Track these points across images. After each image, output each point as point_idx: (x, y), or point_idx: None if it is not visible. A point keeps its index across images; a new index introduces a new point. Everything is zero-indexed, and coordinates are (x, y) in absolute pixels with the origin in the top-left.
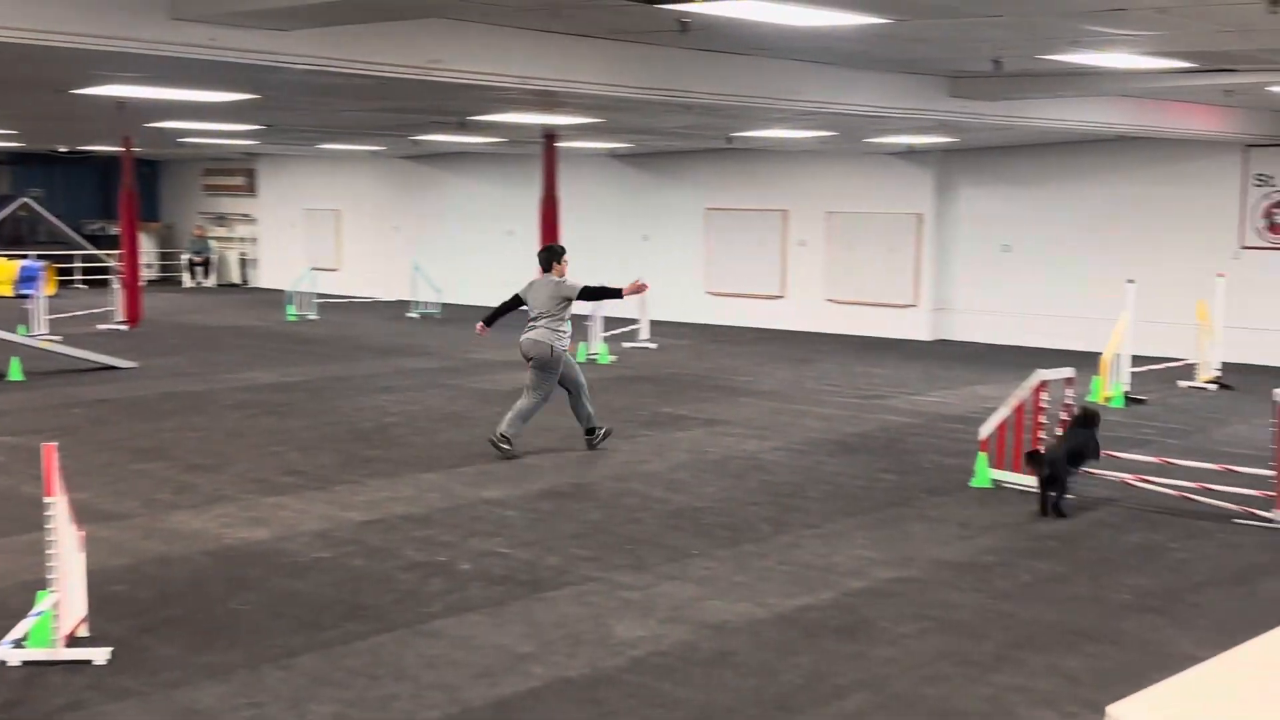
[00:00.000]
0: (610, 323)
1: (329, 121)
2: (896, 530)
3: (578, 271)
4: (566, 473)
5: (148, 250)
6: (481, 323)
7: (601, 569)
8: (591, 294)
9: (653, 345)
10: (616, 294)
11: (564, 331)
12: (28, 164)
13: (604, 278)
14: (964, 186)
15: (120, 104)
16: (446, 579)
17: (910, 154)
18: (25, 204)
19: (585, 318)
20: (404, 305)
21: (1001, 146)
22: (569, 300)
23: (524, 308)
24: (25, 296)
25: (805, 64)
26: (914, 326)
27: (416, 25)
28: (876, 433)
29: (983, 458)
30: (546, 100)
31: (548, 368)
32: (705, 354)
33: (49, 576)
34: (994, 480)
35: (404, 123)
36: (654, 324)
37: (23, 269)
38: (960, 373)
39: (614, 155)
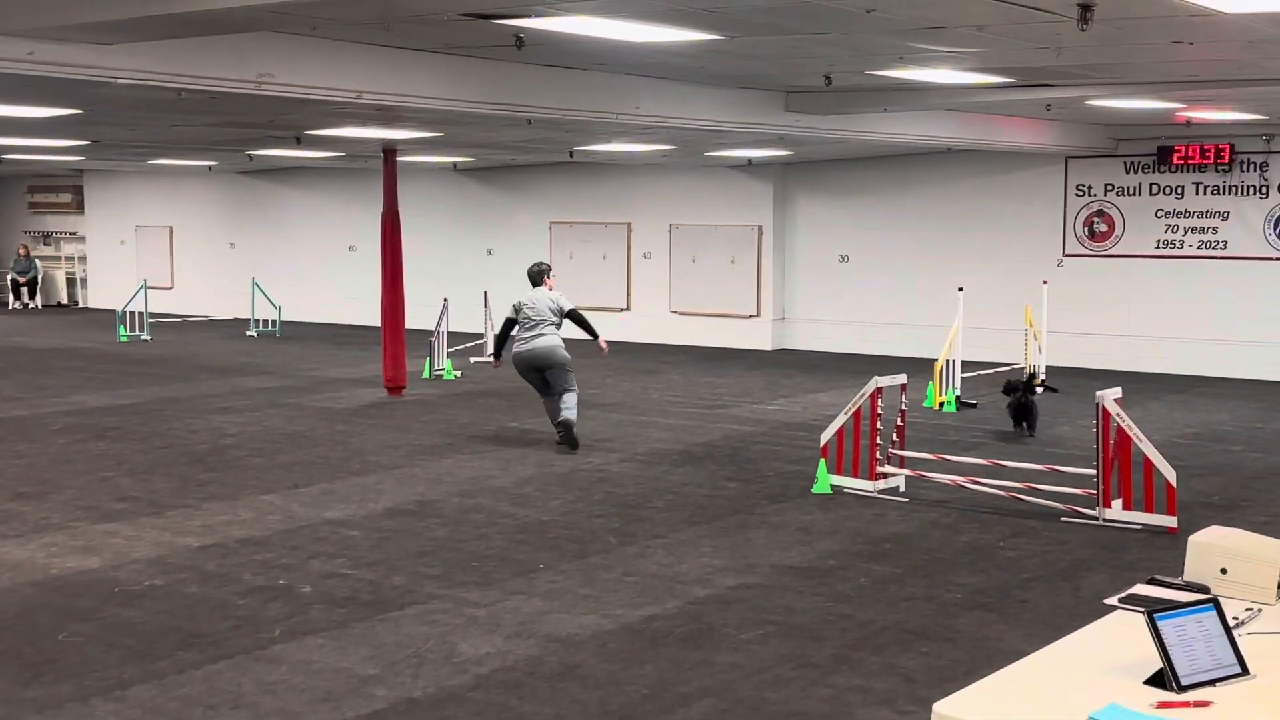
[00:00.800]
0: (454, 338)
1: (159, 136)
2: (740, 537)
3: (413, 288)
4: (411, 490)
5: None
6: (494, 356)
7: (447, 586)
8: (578, 319)
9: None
10: (594, 335)
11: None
12: None
13: (448, 293)
14: (802, 199)
15: None
16: (287, 603)
17: (750, 167)
18: None
19: (429, 333)
20: (242, 324)
21: (837, 159)
22: (564, 313)
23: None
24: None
25: (643, 79)
26: (757, 337)
27: (246, 38)
28: (720, 442)
29: (823, 464)
30: (384, 115)
31: (567, 366)
32: None
33: None
34: (834, 486)
35: (237, 138)
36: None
37: None
38: (801, 381)
39: (456, 169)
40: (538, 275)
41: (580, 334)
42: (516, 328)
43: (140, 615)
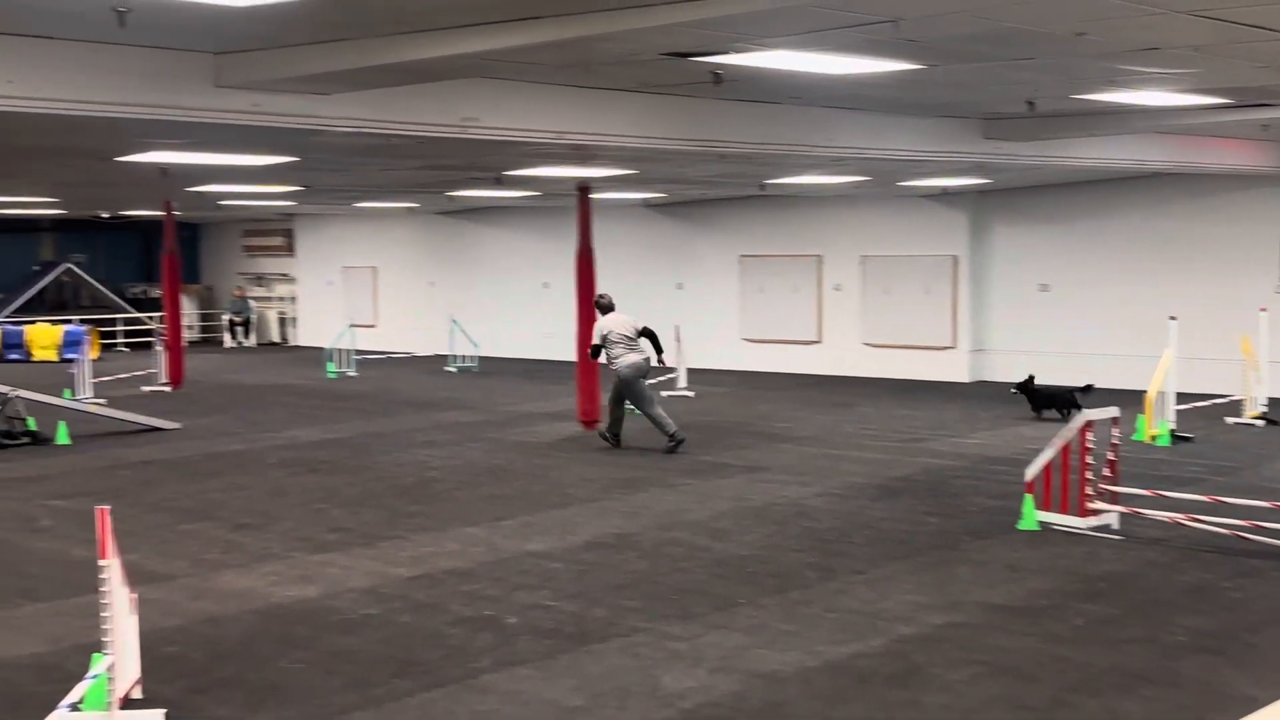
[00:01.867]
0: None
1: (366, 180)
2: (944, 574)
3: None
4: (609, 523)
5: (189, 312)
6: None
7: (648, 619)
8: (650, 335)
9: (690, 393)
10: (660, 350)
11: None
12: (70, 230)
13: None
14: (999, 227)
15: (163, 170)
16: (494, 633)
17: (944, 196)
18: (68, 269)
19: None
20: (441, 360)
21: (1037, 186)
22: (639, 332)
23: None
24: (70, 361)
25: (838, 110)
26: (952, 368)
27: (452, 85)
28: (919, 476)
29: (1029, 499)
30: (580, 154)
31: (649, 377)
32: (743, 401)
33: (103, 639)
34: (1041, 522)
35: (440, 180)
36: (691, 372)
37: (67, 333)
38: (1001, 414)
39: (647, 205)
40: (609, 304)
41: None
42: (603, 351)
43: (357, 643)
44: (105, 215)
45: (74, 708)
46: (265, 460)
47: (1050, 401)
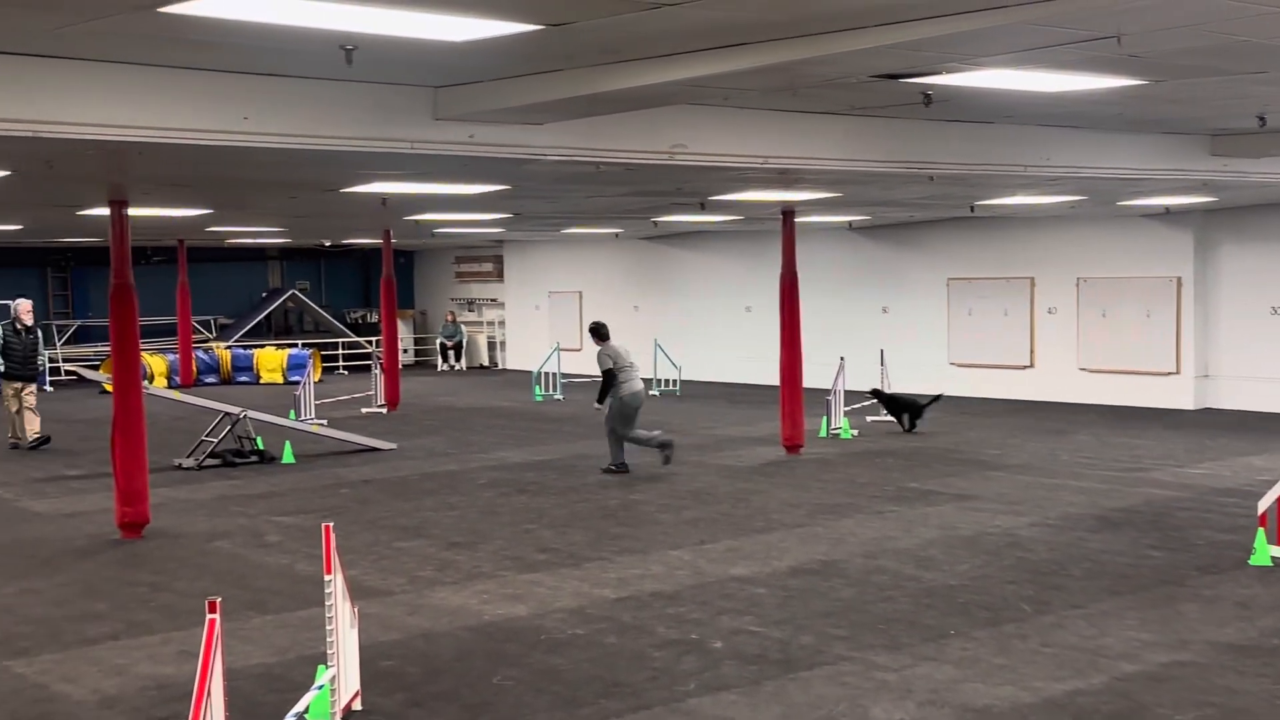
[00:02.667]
0: (851, 397)
1: (573, 207)
2: (1169, 610)
3: (809, 346)
4: (814, 549)
5: (404, 336)
6: (599, 402)
7: (855, 648)
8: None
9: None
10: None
11: None
12: (295, 258)
13: (844, 352)
14: (1227, 246)
15: (383, 200)
16: (699, 657)
17: (1167, 215)
18: (293, 295)
19: (826, 392)
20: (644, 383)
21: (1269, 204)
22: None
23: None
24: (294, 383)
25: (1054, 129)
26: (1176, 395)
27: (659, 112)
28: (1141, 507)
29: (1262, 534)
30: (785, 178)
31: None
32: (951, 427)
33: (327, 651)
34: (1275, 558)
35: (646, 206)
36: None
37: (291, 357)
38: (1230, 443)
39: (851, 227)
40: (606, 330)
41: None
42: (617, 376)
43: (565, 663)
44: (327, 244)
45: (299, 717)
46: (476, 480)
47: (899, 410)
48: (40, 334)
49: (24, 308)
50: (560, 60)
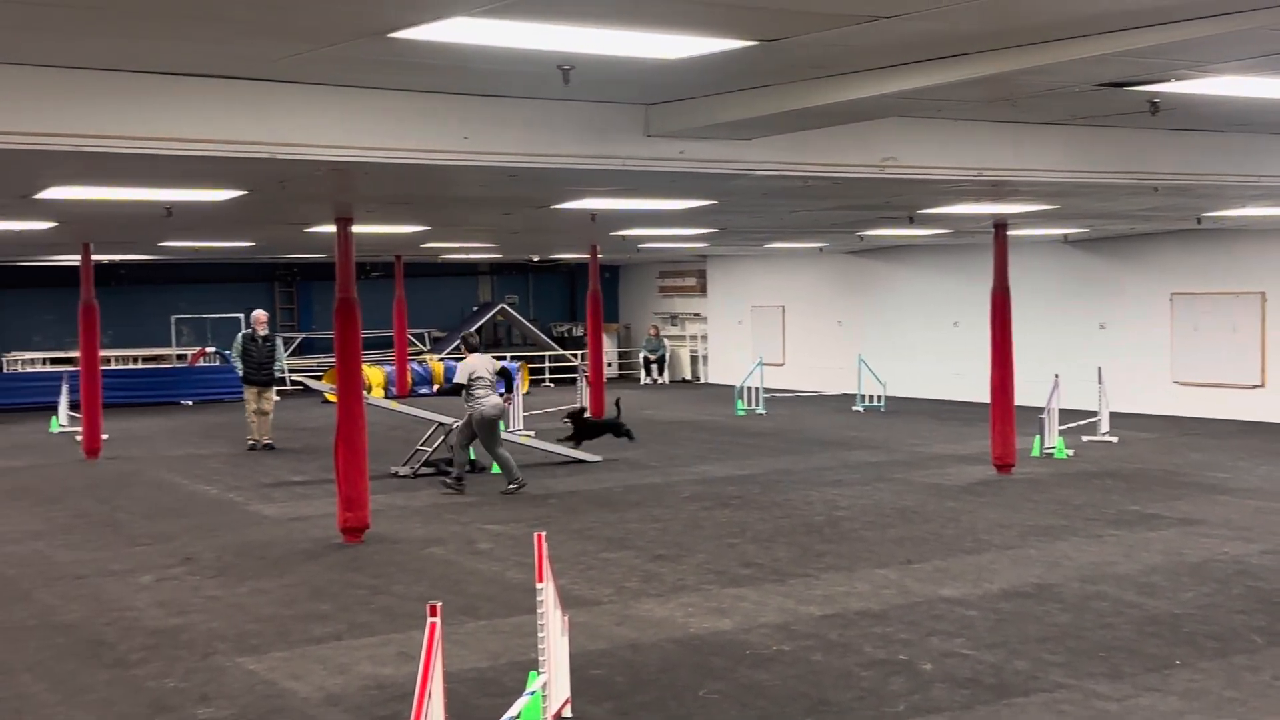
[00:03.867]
0: (1065, 415)
1: (779, 222)
2: None
3: (1021, 363)
4: (1028, 572)
5: (609, 349)
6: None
7: (1073, 676)
8: (507, 375)
9: (1113, 439)
10: (511, 390)
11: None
12: (504, 273)
13: (1058, 368)
14: None
15: (593, 216)
16: (908, 679)
17: None
18: (502, 309)
19: (1039, 410)
20: (849, 399)
21: None
22: (497, 372)
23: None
24: (503, 395)
25: None
26: None
27: (870, 125)
28: None
29: None
30: (998, 190)
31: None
32: (1174, 448)
33: (539, 658)
34: None
35: (852, 219)
36: (1114, 416)
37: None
38: None
39: (1066, 241)
40: (478, 343)
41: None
42: (466, 391)
43: (770, 678)
44: (535, 259)
45: None
46: (679, 494)
47: (599, 431)
48: (276, 341)
49: (260, 317)
50: (771, 75)
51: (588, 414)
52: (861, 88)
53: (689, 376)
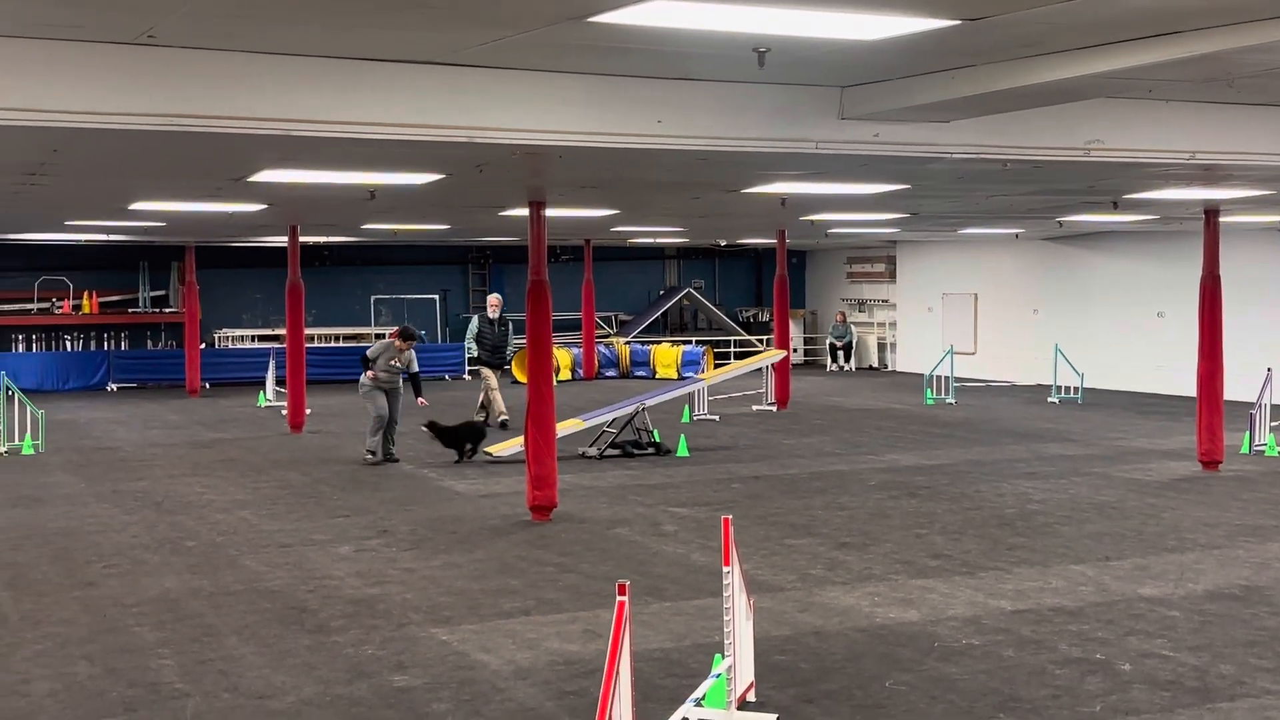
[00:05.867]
0: (1278, 411)
1: (973, 207)
2: None
3: (1238, 356)
4: (1235, 573)
5: (794, 335)
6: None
7: None
8: (415, 379)
9: None
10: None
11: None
12: (691, 258)
13: (1271, 362)
14: None
15: (783, 200)
16: (1106, 678)
17: None
18: (689, 294)
19: (1249, 405)
20: (1043, 389)
21: None
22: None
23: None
24: (688, 378)
25: None
26: None
27: (1074, 107)
28: None
29: None
30: (1210, 175)
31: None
32: None
33: (724, 641)
34: None
35: (1051, 205)
36: None
37: (686, 353)
38: None
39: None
40: (410, 335)
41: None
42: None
43: (959, 672)
44: (722, 243)
45: (698, 703)
46: (866, 482)
47: (456, 440)
48: (510, 325)
49: (493, 301)
50: (971, 56)
51: (439, 423)
52: (1067, 67)
53: (875, 364)
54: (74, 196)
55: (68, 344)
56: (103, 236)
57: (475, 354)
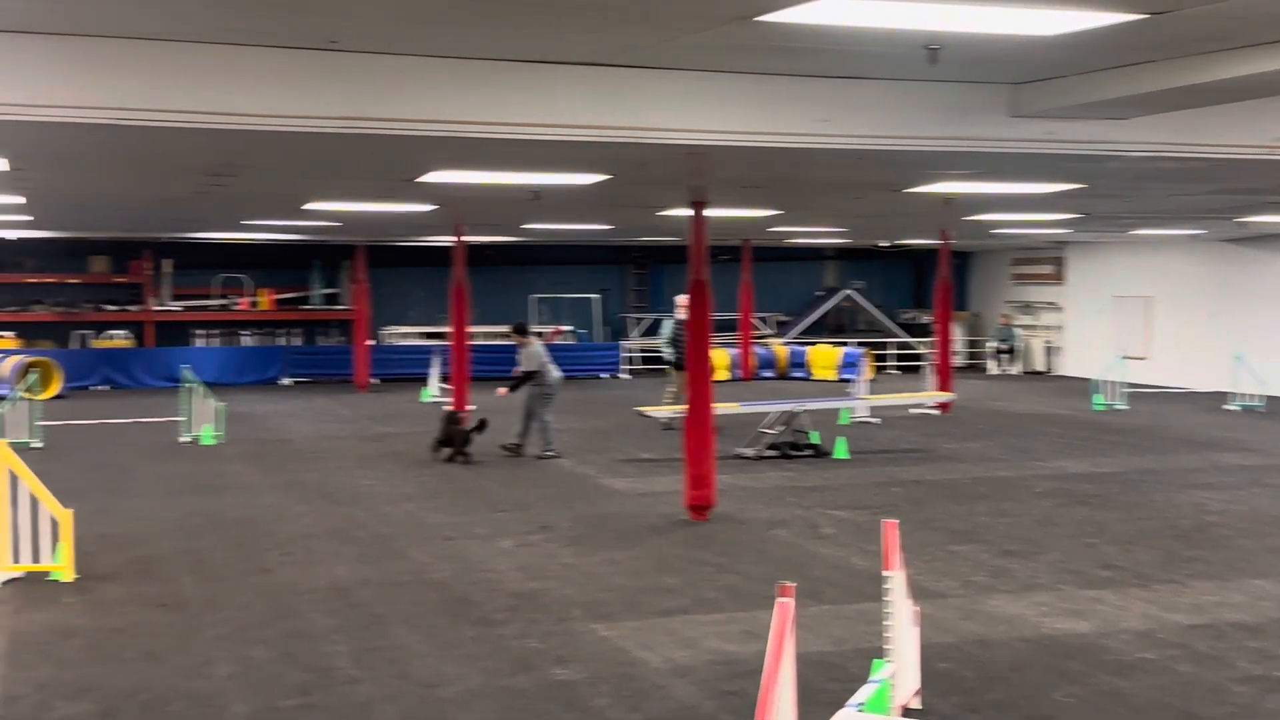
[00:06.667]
0: None
1: (1148, 207)
2: None
3: None
4: None
5: (956, 338)
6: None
7: None
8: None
9: None
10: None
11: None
12: (850, 258)
13: None
14: None
15: (947, 200)
16: None
17: None
18: (848, 295)
19: None
20: (1220, 397)
21: None
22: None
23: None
24: (846, 381)
25: None
26: None
27: (1261, 103)
28: None
29: None
30: None
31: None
32: None
33: (886, 647)
34: None
35: (1232, 204)
36: None
37: (845, 355)
38: None
39: None
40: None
41: None
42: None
43: (1132, 686)
44: (883, 244)
45: (859, 708)
46: (1031, 489)
47: (450, 439)
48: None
49: (682, 302)
50: (1153, 50)
51: (458, 419)
52: (1257, 62)
53: (1041, 368)
54: (253, 196)
55: (244, 339)
56: (278, 236)
57: (670, 356)
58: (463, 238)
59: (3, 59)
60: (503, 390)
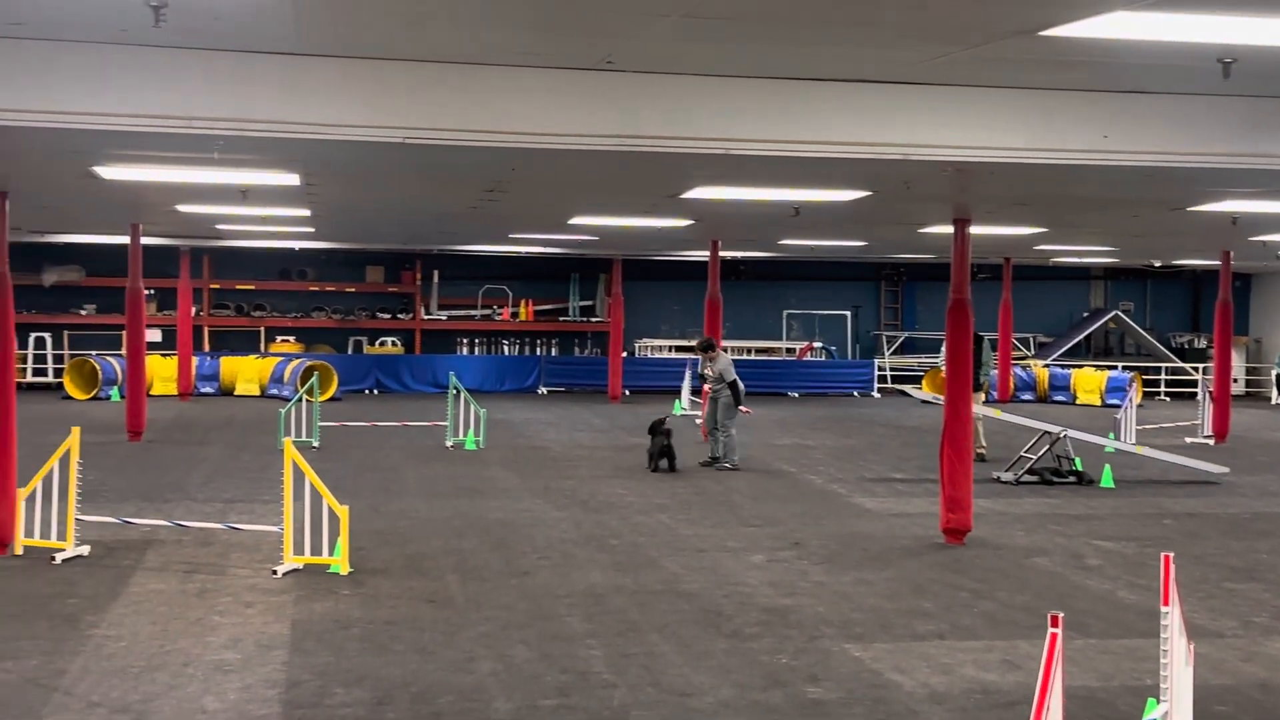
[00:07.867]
0: None
1: None
2: None
3: None
4: None
5: (1236, 364)
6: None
7: None
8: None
9: None
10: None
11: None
12: (1119, 278)
13: None
14: None
15: (1233, 219)
16: None
17: None
18: (1116, 317)
19: None
20: None
21: None
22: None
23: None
24: (1112, 406)
25: None
26: None
27: None
28: None
29: None
30: None
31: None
32: None
33: (1161, 685)
34: None
35: None
36: None
37: (1111, 379)
38: None
39: None
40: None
41: None
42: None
43: None
44: (1156, 264)
45: None
46: None
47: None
48: (986, 342)
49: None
50: None
51: (666, 431)
52: None
53: None
54: (522, 211)
55: (505, 348)
56: (539, 249)
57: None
58: (718, 252)
59: (299, 81)
60: (745, 410)
